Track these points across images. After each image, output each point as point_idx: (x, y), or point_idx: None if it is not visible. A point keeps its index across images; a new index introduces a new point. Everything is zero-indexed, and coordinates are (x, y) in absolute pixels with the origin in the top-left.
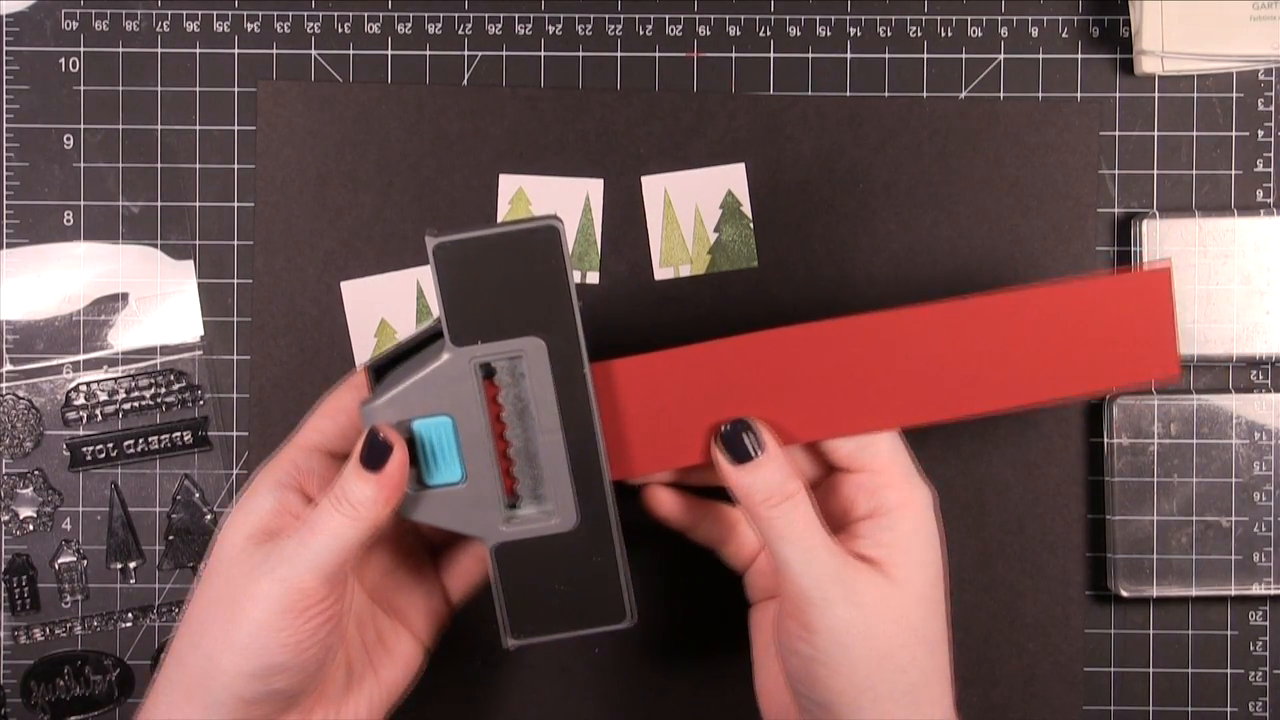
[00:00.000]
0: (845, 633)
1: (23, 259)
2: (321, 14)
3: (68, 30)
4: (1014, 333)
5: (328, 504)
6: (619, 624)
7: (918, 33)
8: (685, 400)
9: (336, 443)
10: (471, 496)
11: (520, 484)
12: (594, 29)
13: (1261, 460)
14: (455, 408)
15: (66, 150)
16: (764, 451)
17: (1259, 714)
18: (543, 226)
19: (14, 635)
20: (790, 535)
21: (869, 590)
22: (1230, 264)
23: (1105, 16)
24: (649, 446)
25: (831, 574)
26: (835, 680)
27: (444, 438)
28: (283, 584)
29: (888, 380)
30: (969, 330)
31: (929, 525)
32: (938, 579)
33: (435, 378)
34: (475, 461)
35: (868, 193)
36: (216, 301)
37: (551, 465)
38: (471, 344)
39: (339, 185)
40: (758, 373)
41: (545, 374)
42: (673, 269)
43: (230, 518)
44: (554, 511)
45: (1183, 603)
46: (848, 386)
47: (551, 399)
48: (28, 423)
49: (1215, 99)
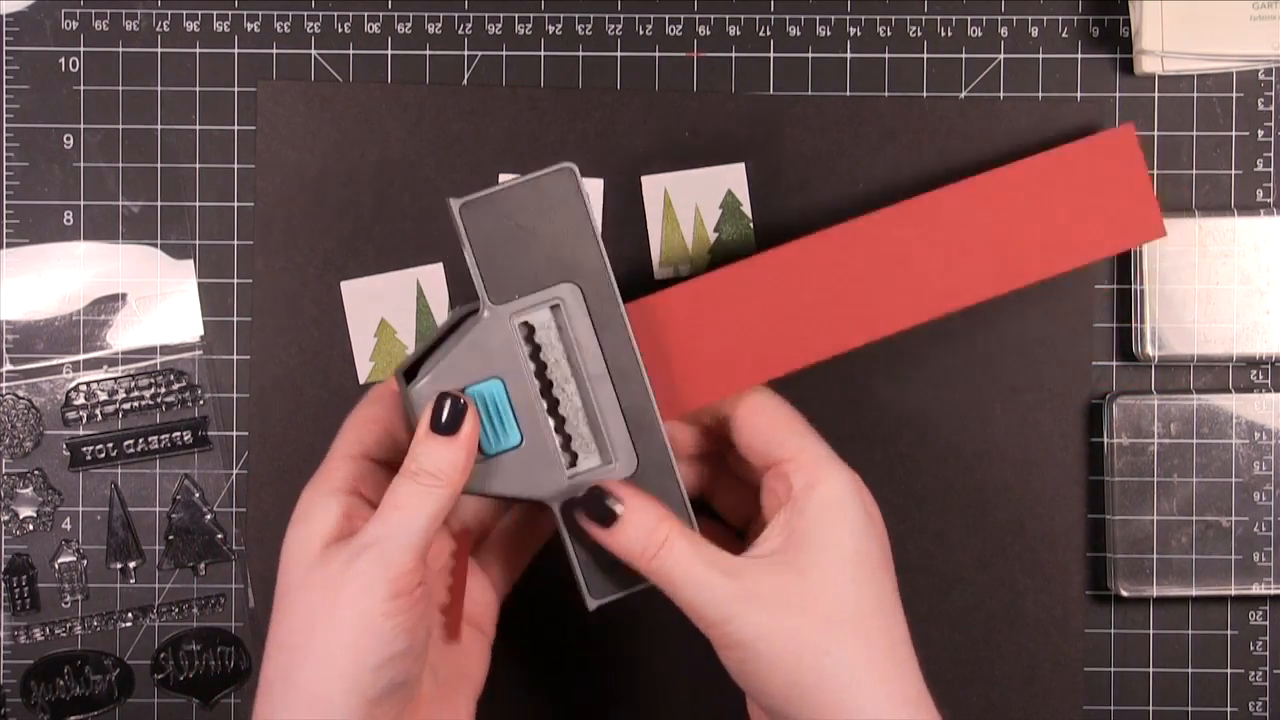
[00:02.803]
0: (757, 639)
1: (23, 259)
2: (321, 14)
3: (68, 30)
4: (996, 214)
5: (405, 480)
6: None
7: (918, 33)
8: (731, 323)
9: (376, 450)
10: (531, 459)
11: (576, 438)
12: (594, 29)
13: (1261, 460)
14: (502, 370)
15: (66, 150)
16: (624, 507)
17: (1259, 714)
18: (559, 170)
19: (14, 635)
20: (679, 578)
21: (769, 592)
22: (1230, 264)
23: (1105, 16)
24: (698, 379)
25: (727, 595)
26: (769, 684)
27: (498, 401)
28: (384, 569)
29: (896, 279)
30: (951, 218)
31: (841, 503)
32: (857, 557)
33: (479, 341)
34: (529, 423)
35: (868, 193)
36: (216, 301)
37: (605, 412)
38: (509, 300)
39: (339, 185)
40: (792, 285)
41: (584, 319)
42: (673, 269)
43: (293, 534)
44: (613, 458)
45: (1183, 603)
46: (854, 293)
47: (594, 343)
48: (28, 423)
49: (1215, 99)
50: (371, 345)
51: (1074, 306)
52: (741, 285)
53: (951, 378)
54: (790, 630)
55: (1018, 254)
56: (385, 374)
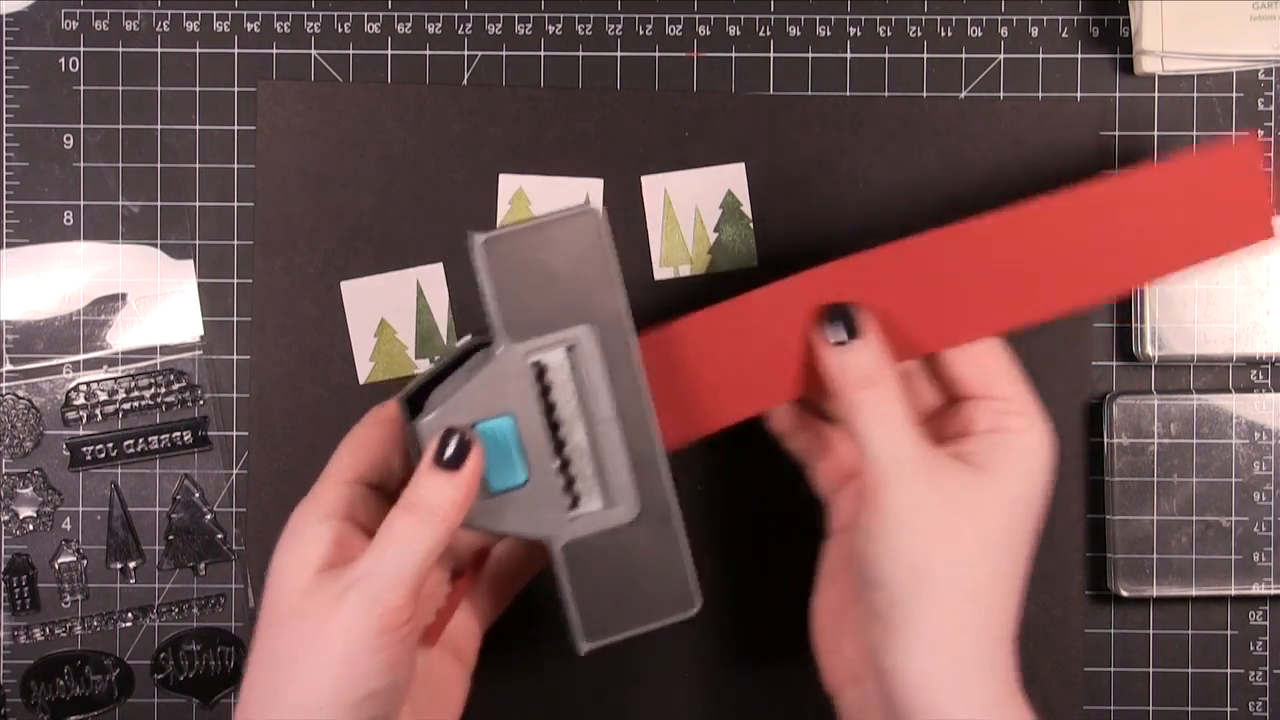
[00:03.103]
0: (915, 509)
1: (23, 259)
2: (321, 14)
3: (68, 30)
4: (1107, 223)
5: (402, 513)
6: (687, 612)
7: (918, 33)
8: (771, 340)
9: (371, 475)
10: (534, 498)
11: (580, 480)
12: (594, 29)
13: (1261, 460)
14: (513, 407)
15: (66, 150)
16: (861, 335)
17: (1259, 714)
18: (585, 212)
19: (14, 635)
20: (876, 417)
21: (949, 478)
22: (1230, 264)
23: (1105, 16)
24: (737, 391)
25: (911, 456)
26: (896, 558)
27: (507, 439)
28: (373, 604)
29: (989, 285)
30: (1062, 226)
31: (1042, 456)
32: (1033, 506)
33: (492, 377)
34: (535, 462)
35: (868, 193)
36: (216, 301)
37: (609, 455)
38: (526, 339)
39: (339, 185)
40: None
41: (598, 362)
42: (673, 269)
43: (282, 558)
44: (616, 503)
45: (1183, 603)
46: (950, 297)
47: (606, 387)
48: (28, 423)
49: (1215, 99)
50: (371, 345)
51: None
52: (781, 305)
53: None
54: (952, 523)
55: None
56: (385, 374)
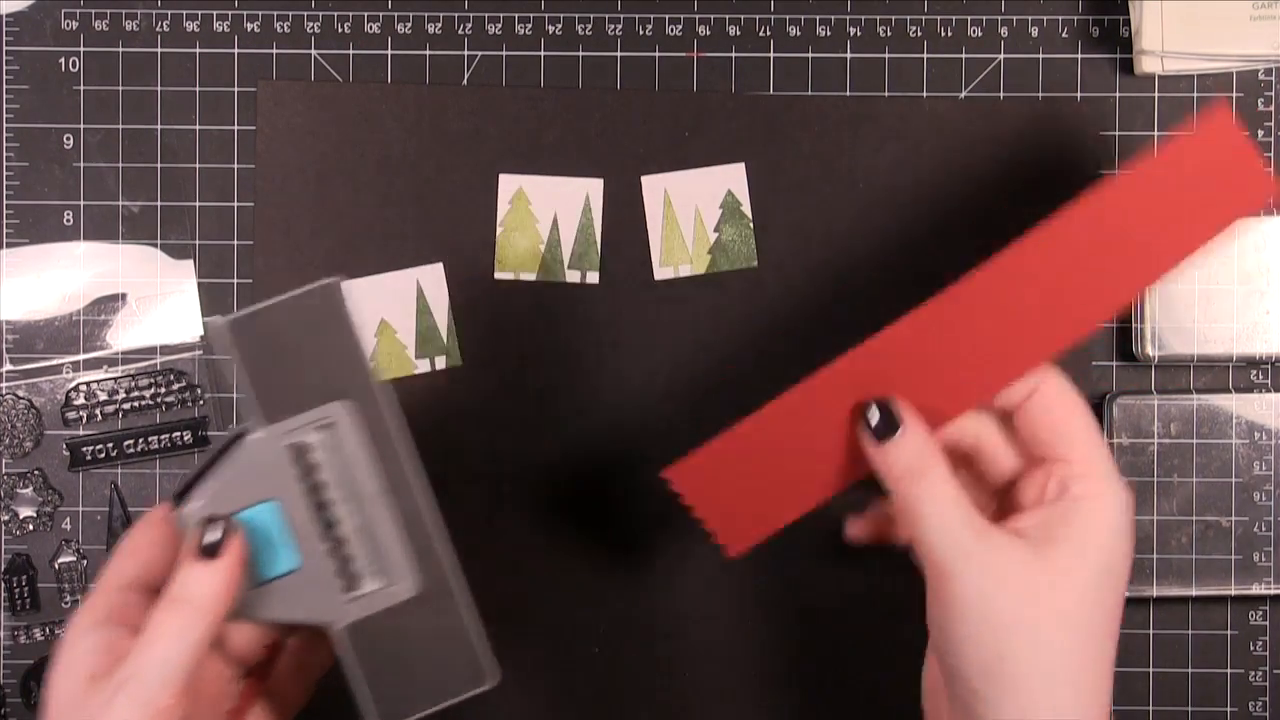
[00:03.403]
0: (981, 600)
1: (23, 259)
2: (321, 14)
3: (68, 30)
4: (1110, 233)
5: (164, 608)
6: (480, 687)
7: (918, 33)
8: (813, 438)
9: (147, 578)
10: (308, 582)
11: (355, 560)
12: (594, 29)
13: (1261, 460)
14: (276, 492)
15: (66, 150)
16: (904, 428)
17: (1259, 714)
18: (324, 286)
19: (14, 635)
20: (927, 509)
21: (1009, 564)
22: (1230, 264)
23: (1105, 16)
24: (788, 492)
25: (967, 546)
26: (964, 651)
27: (271, 525)
28: (143, 706)
29: (1011, 328)
30: (1067, 249)
31: (1113, 523)
32: (1111, 580)
33: (250, 463)
34: (306, 545)
35: (868, 193)
36: (216, 301)
37: (381, 532)
38: (281, 420)
39: (339, 185)
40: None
41: (358, 437)
42: (673, 269)
43: (54, 671)
44: (393, 580)
45: (1183, 602)
46: (976, 350)
47: (369, 462)
48: (28, 423)
49: (1215, 99)
50: (372, 345)
51: None
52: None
53: None
54: (1016, 610)
55: (1124, 269)
56: (385, 374)
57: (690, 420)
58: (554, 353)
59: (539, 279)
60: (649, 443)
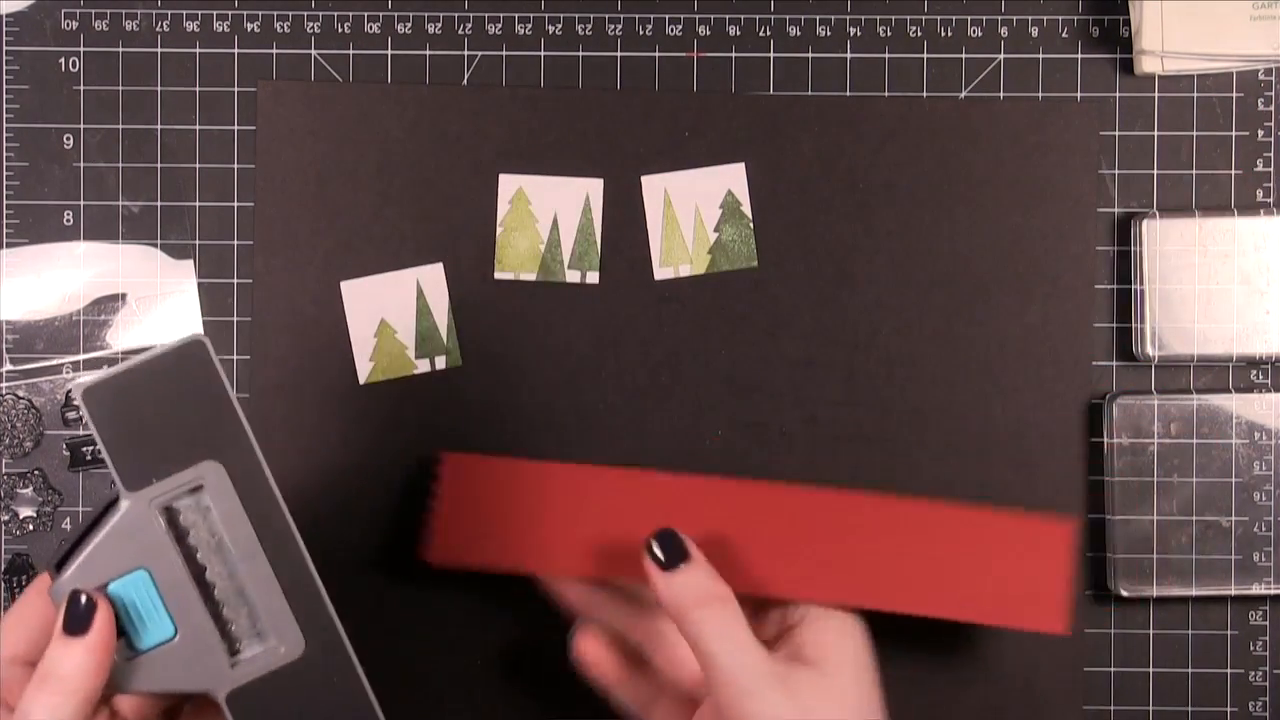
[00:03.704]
0: (776, 717)
1: (23, 259)
2: (321, 14)
3: (68, 30)
4: (917, 543)
5: (35, 688)
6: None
7: (918, 33)
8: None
9: (33, 652)
10: (188, 650)
11: (236, 624)
12: (594, 29)
13: (1261, 460)
14: (148, 559)
15: (66, 150)
16: (690, 557)
17: (1259, 714)
18: (188, 343)
19: None
20: (720, 633)
21: (801, 680)
22: (1230, 264)
23: (1105, 16)
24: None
25: (762, 667)
26: None
27: (144, 594)
28: None
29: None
30: (872, 525)
31: (855, 633)
32: (870, 679)
33: (118, 532)
34: (183, 612)
35: (868, 193)
36: (216, 301)
37: (263, 593)
38: (147, 485)
39: (339, 185)
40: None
41: (231, 497)
42: (673, 269)
43: None
44: (278, 641)
45: (1183, 603)
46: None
47: (244, 522)
48: (28, 423)
49: (1215, 99)
50: (371, 345)
51: (1074, 306)
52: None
53: (951, 378)
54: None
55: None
56: (385, 374)
57: (690, 420)
58: (554, 353)
59: (539, 279)
60: (649, 443)
